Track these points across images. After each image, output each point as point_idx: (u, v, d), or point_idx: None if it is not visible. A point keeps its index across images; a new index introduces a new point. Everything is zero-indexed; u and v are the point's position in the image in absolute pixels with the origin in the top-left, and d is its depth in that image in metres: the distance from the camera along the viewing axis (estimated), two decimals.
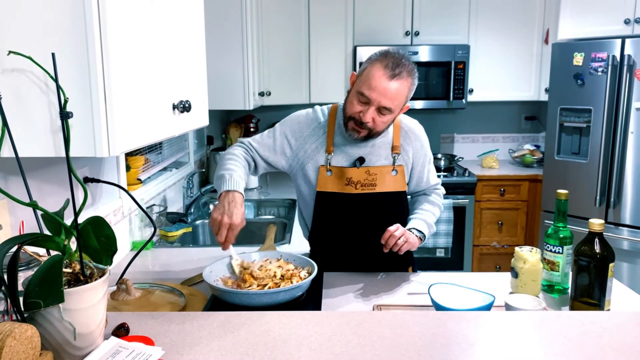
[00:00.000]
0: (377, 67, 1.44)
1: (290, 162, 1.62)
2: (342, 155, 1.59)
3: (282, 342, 1.00)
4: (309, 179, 1.61)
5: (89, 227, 0.96)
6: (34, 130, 0.95)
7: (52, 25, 0.92)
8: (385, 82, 1.43)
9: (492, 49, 3.52)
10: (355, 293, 1.47)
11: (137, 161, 2.01)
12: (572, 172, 3.02)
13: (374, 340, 1.00)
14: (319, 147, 1.59)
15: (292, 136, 1.61)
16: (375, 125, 1.49)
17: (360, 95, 1.46)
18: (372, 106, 1.45)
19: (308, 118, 1.63)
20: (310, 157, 1.60)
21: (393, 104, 1.45)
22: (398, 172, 1.60)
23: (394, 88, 1.43)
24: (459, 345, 1.00)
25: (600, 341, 1.01)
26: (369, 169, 1.57)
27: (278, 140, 1.61)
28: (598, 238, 1.29)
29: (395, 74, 1.43)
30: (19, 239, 0.87)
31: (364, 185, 1.57)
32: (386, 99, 1.43)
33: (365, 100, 1.46)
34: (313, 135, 1.60)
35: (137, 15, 1.07)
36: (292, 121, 1.64)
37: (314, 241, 1.69)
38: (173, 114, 1.26)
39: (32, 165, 1.23)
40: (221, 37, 2.74)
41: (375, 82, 1.43)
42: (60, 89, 0.89)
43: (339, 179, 1.58)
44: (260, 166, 1.62)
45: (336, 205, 1.59)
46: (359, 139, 1.54)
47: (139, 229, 1.96)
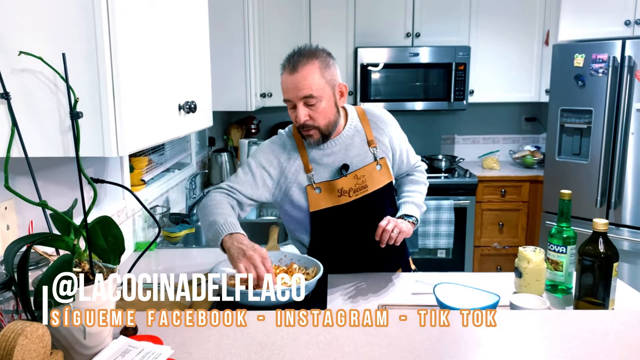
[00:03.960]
0: (283, 73, 1.48)
1: (273, 191, 1.57)
2: (323, 169, 1.56)
3: (290, 340, 1.01)
4: (297, 203, 1.56)
5: (97, 226, 0.97)
6: (43, 130, 0.96)
7: (62, 25, 0.92)
8: (289, 78, 1.45)
9: (492, 50, 3.53)
10: (359, 293, 1.48)
11: (141, 162, 2.01)
12: (573, 173, 3.03)
13: (382, 338, 1.01)
14: (297, 169, 1.56)
15: (269, 165, 1.56)
16: (315, 119, 1.48)
17: (287, 103, 1.50)
18: (298, 104, 1.46)
19: (278, 144, 1.60)
20: (293, 181, 1.55)
21: (310, 90, 1.44)
22: (382, 165, 1.59)
23: (300, 76, 1.43)
24: (466, 344, 1.00)
25: (606, 339, 1.02)
26: (355, 173, 1.56)
27: (257, 174, 1.55)
28: (602, 238, 1.30)
29: (294, 67, 1.45)
30: (30, 239, 0.87)
31: (356, 190, 1.56)
32: (299, 90, 1.44)
33: (290, 105, 1.49)
34: (289, 159, 1.57)
35: (145, 17, 1.08)
36: (263, 152, 1.59)
37: (313, 254, 1.61)
38: (179, 114, 1.27)
39: (39, 165, 1.23)
40: (223, 39, 2.75)
41: (284, 84, 1.47)
42: (70, 89, 0.90)
43: (329, 193, 1.55)
44: (245, 205, 1.56)
45: (334, 219, 1.56)
46: (318, 142, 1.53)
47: (142, 229, 1.96)
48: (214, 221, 1.40)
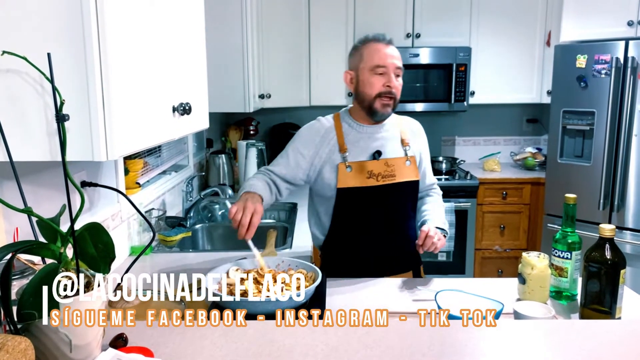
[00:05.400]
0: (371, 44, 1.61)
1: (307, 172, 1.66)
2: (358, 151, 1.65)
3: (286, 352, 0.97)
4: (327, 181, 1.64)
5: (86, 233, 0.93)
6: (29, 133, 0.92)
7: (48, 24, 0.88)
8: (386, 48, 1.59)
9: (493, 51, 3.50)
10: (359, 299, 1.44)
11: (136, 165, 1.98)
12: (575, 176, 2.99)
13: (382, 350, 0.97)
14: (332, 149, 1.65)
15: (304, 148, 1.66)
16: (398, 91, 1.61)
17: (376, 69, 1.58)
18: (390, 72, 1.58)
19: (314, 128, 1.69)
20: (327, 161, 1.64)
21: (400, 64, 1.61)
22: (411, 162, 1.69)
23: (394, 51, 1.61)
24: (470, 356, 0.96)
25: (617, 351, 0.98)
26: (387, 160, 1.65)
27: (292, 157, 1.66)
28: (609, 244, 1.26)
29: (390, 42, 1.62)
30: (13, 247, 0.84)
31: (385, 176, 1.64)
32: (396, 60, 1.59)
33: (382, 70, 1.57)
34: (324, 141, 1.66)
35: (136, 15, 1.04)
36: (299, 136, 1.70)
37: (330, 242, 1.70)
38: (173, 116, 1.23)
39: (28, 170, 1.19)
40: (221, 39, 2.71)
41: (380, 52, 1.58)
42: (56, 91, 0.86)
43: (359, 173, 1.62)
44: (282, 187, 1.67)
45: (358, 200, 1.64)
46: (387, 115, 1.64)
47: (137, 233, 1.92)
48: (242, 188, 1.60)
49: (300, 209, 2.57)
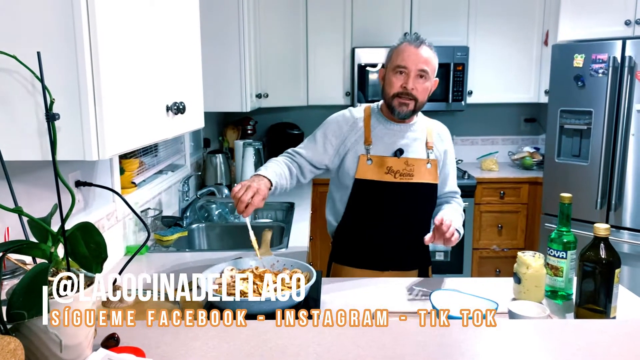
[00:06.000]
0: (402, 45, 1.63)
1: (332, 158, 1.72)
2: (382, 146, 1.68)
3: (279, 352, 0.96)
4: (347, 170, 1.69)
5: (78, 233, 0.92)
6: (20, 132, 0.91)
7: (38, 22, 0.88)
8: (413, 49, 1.61)
9: (491, 50, 3.50)
10: (354, 299, 1.43)
11: (132, 164, 1.97)
12: (573, 175, 2.99)
13: (375, 351, 0.97)
14: (358, 139, 1.69)
15: (332, 135, 1.71)
16: (418, 92, 1.62)
17: (397, 69, 1.61)
18: (411, 73, 1.60)
19: (345, 117, 1.74)
20: (351, 149, 1.69)
21: (427, 66, 1.61)
22: (432, 165, 1.71)
23: (424, 51, 1.61)
24: (462, 355, 0.96)
25: (611, 351, 0.98)
26: (407, 159, 1.68)
27: (319, 141, 1.72)
28: (604, 243, 1.26)
29: (421, 43, 1.63)
30: (3, 247, 0.83)
31: (403, 174, 1.66)
32: (420, 62, 1.60)
33: (402, 70, 1.61)
34: (352, 130, 1.70)
35: (128, 13, 1.03)
36: (330, 123, 1.75)
37: (342, 230, 1.75)
38: (167, 115, 1.23)
39: (21, 169, 1.19)
40: (218, 39, 2.70)
41: (405, 52, 1.61)
42: (46, 90, 0.85)
43: (378, 167, 1.66)
44: (306, 169, 1.72)
45: (373, 193, 1.67)
46: (407, 114, 1.65)
47: (133, 233, 1.92)
48: (258, 169, 1.62)
49: (296, 208, 2.56)
